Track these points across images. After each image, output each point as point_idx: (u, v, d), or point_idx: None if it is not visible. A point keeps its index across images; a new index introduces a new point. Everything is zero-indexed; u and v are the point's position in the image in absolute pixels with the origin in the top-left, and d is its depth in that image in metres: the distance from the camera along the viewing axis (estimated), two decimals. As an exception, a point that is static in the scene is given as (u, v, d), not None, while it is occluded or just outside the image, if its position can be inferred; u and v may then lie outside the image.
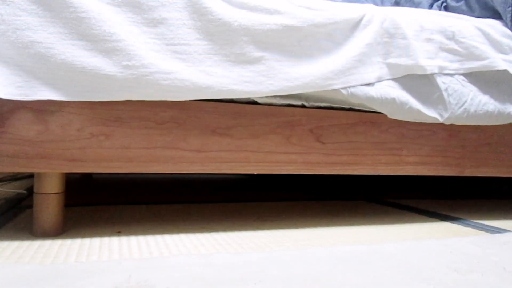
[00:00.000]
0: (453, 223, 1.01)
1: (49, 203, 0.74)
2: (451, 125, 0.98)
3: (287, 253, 0.68)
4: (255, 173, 0.83)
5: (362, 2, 1.40)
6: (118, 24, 0.70)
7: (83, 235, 0.76)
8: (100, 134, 0.73)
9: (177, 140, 0.77)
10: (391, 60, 0.89)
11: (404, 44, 0.90)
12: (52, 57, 0.66)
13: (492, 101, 0.97)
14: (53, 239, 0.73)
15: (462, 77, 0.95)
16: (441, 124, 0.96)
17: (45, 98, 0.68)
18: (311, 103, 0.86)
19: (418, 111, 0.90)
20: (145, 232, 0.81)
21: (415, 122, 0.94)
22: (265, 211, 1.08)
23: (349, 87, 0.84)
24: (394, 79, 0.89)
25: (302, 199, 1.32)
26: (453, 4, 1.27)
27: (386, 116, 0.91)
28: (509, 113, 0.98)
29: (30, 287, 0.50)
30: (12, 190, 1.21)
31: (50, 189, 0.75)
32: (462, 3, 1.24)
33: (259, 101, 0.83)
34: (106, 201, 1.14)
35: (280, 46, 0.79)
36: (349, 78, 0.84)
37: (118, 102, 0.74)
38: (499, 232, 0.91)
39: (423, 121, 0.93)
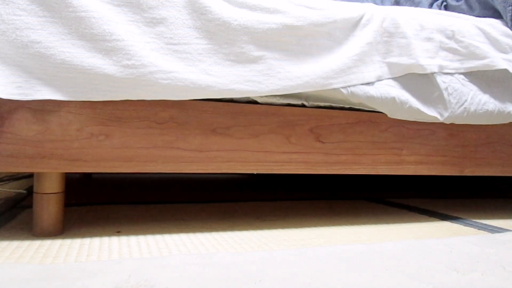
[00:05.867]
0: (453, 222, 1.01)
1: (49, 203, 0.74)
2: (451, 124, 0.98)
3: (287, 253, 0.68)
4: (255, 173, 0.83)
5: (362, 1, 1.39)
6: (118, 24, 0.70)
7: (83, 235, 0.76)
8: (100, 134, 0.73)
9: (177, 140, 0.77)
10: (391, 59, 0.89)
11: (404, 43, 0.90)
12: (52, 56, 0.66)
13: (492, 100, 0.96)
14: (53, 239, 0.73)
15: (462, 76, 0.95)
16: (441, 123, 0.96)
17: (44, 98, 0.67)
18: (311, 103, 0.86)
19: (418, 110, 0.90)
20: (145, 232, 0.81)
21: (415, 122, 0.94)
22: (265, 210, 1.08)
23: (349, 86, 0.84)
24: (394, 78, 0.89)
25: (302, 198, 1.32)
26: (453, 3, 1.27)
27: (386, 115, 0.91)
28: (509, 112, 0.98)
29: (30, 287, 0.50)
30: (12, 190, 1.21)
31: (50, 189, 0.75)
32: (462, 2, 1.23)
33: (259, 100, 0.83)
34: (106, 201, 1.14)
35: (280, 45, 0.79)
36: (349, 77, 0.84)
37: (118, 102, 0.74)
38: (499, 232, 0.91)
39: (423, 121, 0.93)
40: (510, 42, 0.99)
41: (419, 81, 0.91)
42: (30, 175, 1.56)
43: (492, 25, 1.00)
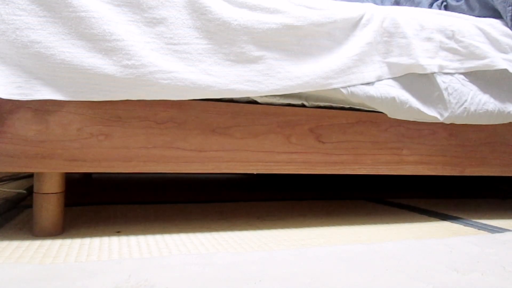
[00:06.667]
0: (453, 222, 1.01)
1: (49, 203, 0.74)
2: (451, 124, 0.97)
3: (287, 253, 0.68)
4: (255, 173, 0.83)
5: (362, 1, 1.39)
6: (118, 24, 0.70)
7: (83, 235, 0.76)
8: (99, 134, 0.73)
9: (177, 140, 0.77)
10: (391, 59, 0.89)
11: (404, 43, 0.90)
12: (52, 56, 0.66)
13: (492, 100, 0.96)
14: (53, 239, 0.73)
15: (462, 76, 0.95)
16: (441, 123, 0.96)
17: (44, 98, 0.67)
18: (311, 103, 0.86)
19: (418, 110, 0.90)
20: (145, 232, 0.81)
21: (415, 122, 0.94)
22: (265, 210, 1.08)
23: (349, 86, 0.84)
24: (394, 78, 0.89)
25: (302, 198, 1.32)
26: (453, 3, 1.27)
27: (386, 115, 0.91)
28: (509, 112, 0.98)
29: (30, 287, 0.50)
30: (12, 190, 1.21)
31: (50, 189, 0.75)
32: (462, 2, 1.23)
33: (259, 100, 0.83)
34: (106, 201, 1.14)
35: (280, 45, 0.79)
36: (349, 77, 0.84)
37: (118, 102, 0.74)
38: (499, 232, 0.91)
39: (423, 121, 0.93)
40: (510, 42, 0.99)
41: (419, 81, 0.91)
42: (30, 175, 1.56)
43: (492, 25, 1.00)
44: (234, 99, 0.81)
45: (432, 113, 0.92)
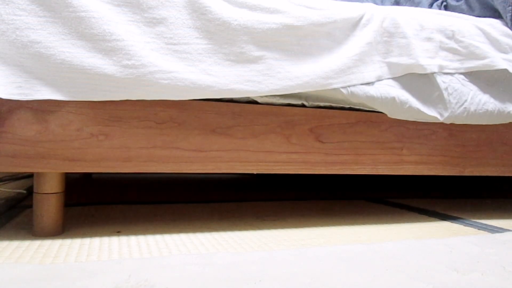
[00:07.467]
0: (453, 222, 1.01)
1: (49, 203, 0.74)
2: (451, 124, 0.98)
3: (287, 253, 0.68)
4: (255, 173, 0.83)
5: (362, 1, 1.39)
6: (118, 24, 0.70)
7: (83, 235, 0.76)
8: (99, 134, 0.73)
9: (177, 140, 0.77)
10: (391, 59, 0.89)
11: (404, 43, 0.90)
12: (52, 56, 0.66)
13: (492, 100, 0.96)
14: (53, 239, 0.73)
15: (462, 76, 0.95)
16: (441, 123, 0.96)
17: (44, 98, 0.68)
18: (311, 103, 0.86)
19: (418, 110, 0.90)
20: (145, 232, 0.81)
21: (415, 122, 0.94)
22: (265, 210, 1.07)
23: (349, 86, 0.84)
24: (394, 78, 0.89)
25: (302, 198, 1.32)
26: (453, 3, 1.27)
27: (386, 115, 0.91)
28: (509, 112, 0.98)
29: (30, 287, 0.50)
30: (12, 190, 1.21)
31: (50, 189, 0.75)
32: (462, 2, 1.23)
33: (259, 100, 0.83)
34: (106, 201, 1.14)
35: (280, 45, 0.79)
36: (349, 77, 0.84)
37: (118, 102, 0.74)
38: (499, 232, 0.91)
39: (423, 121, 0.93)
40: (510, 42, 0.99)
41: (419, 81, 0.91)
42: (30, 175, 1.56)
43: (492, 25, 1.00)
44: (234, 99, 0.81)
45: (432, 113, 0.92)
